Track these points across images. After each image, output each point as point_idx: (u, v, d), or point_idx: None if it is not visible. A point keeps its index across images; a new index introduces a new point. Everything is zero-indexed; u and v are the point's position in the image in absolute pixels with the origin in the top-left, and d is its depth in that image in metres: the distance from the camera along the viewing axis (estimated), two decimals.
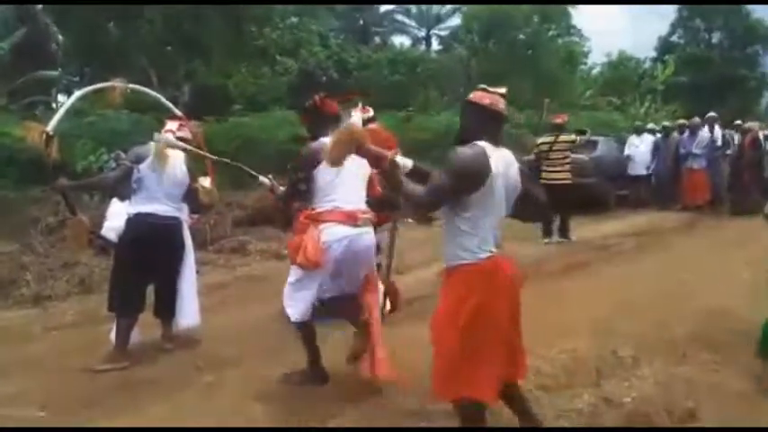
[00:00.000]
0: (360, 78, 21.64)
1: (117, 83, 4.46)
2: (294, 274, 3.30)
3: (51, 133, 3.84)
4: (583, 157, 9.99)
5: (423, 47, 27.67)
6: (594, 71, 24.22)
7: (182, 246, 4.08)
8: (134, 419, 3.09)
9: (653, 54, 27.32)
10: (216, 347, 4.11)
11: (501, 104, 2.55)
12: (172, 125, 4.14)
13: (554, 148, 7.64)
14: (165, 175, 3.87)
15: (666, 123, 12.21)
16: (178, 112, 4.69)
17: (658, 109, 17.88)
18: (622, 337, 4.10)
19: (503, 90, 2.61)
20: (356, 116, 4.17)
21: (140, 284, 3.96)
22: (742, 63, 28.02)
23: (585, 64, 23.74)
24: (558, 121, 7.93)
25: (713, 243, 7.03)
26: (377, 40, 26.95)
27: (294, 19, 16.49)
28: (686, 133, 10.87)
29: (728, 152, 10.74)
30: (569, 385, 3.34)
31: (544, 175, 7.70)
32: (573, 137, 7.84)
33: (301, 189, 3.31)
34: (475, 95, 2.57)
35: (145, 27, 12.04)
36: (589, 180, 9.54)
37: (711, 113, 11.16)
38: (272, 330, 4.27)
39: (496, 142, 2.50)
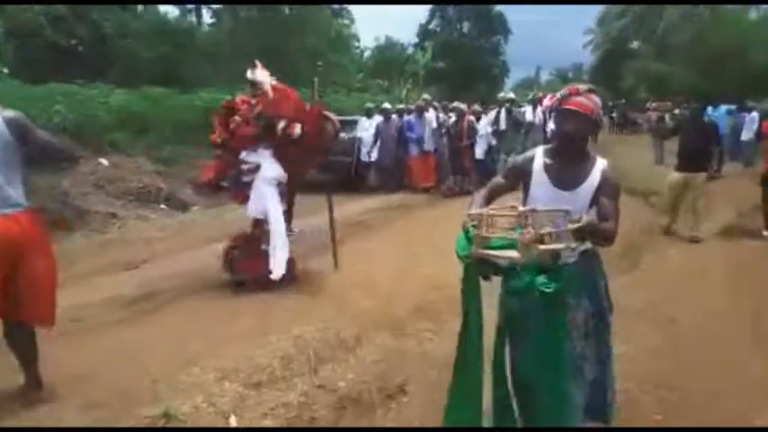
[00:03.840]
0: (120, 48, 19.20)
1: None
2: None
3: None
4: (342, 135, 10.19)
5: (193, 18, 25.77)
6: (366, 54, 25.27)
7: None
8: None
9: (416, 40, 29.50)
10: None
11: None
12: None
13: None
14: None
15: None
16: None
17: (419, 92, 19.29)
18: (352, 315, 4.13)
19: None
20: (259, 72, 4.65)
21: None
22: (488, 51, 31.83)
23: (358, 48, 24.63)
24: None
25: (439, 221, 7.30)
26: (140, 8, 24.27)
27: None
28: (413, 115, 10.56)
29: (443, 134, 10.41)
30: (284, 377, 3.20)
31: None
32: None
33: None
34: None
35: None
36: (347, 159, 9.75)
37: (425, 95, 10.99)
38: None
39: None
